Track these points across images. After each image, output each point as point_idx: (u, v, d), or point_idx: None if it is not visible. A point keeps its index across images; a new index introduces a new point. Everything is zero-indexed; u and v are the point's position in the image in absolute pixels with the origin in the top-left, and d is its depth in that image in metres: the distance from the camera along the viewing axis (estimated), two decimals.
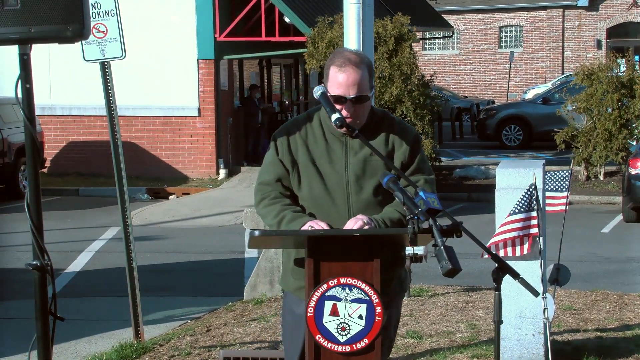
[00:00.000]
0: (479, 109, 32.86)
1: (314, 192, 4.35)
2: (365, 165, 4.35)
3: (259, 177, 4.50)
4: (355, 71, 4.23)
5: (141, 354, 7.87)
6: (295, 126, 4.45)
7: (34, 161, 4.36)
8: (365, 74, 4.27)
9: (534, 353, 6.83)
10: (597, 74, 21.15)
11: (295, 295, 4.43)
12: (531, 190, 6.54)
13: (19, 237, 14.60)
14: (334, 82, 4.28)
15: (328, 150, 4.37)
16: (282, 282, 4.60)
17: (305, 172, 4.37)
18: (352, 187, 4.33)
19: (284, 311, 4.60)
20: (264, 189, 4.43)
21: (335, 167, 4.35)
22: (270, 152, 4.46)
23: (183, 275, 12.33)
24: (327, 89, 4.33)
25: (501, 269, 3.91)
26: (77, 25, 4.19)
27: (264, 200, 4.41)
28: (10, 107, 19.64)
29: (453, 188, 21.23)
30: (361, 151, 4.36)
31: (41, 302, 4.36)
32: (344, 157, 4.36)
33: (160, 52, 22.50)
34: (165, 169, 23.07)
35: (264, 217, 4.42)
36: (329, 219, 4.28)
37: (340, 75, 4.25)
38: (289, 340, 4.51)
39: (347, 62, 4.25)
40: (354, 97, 4.25)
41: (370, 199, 4.34)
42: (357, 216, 4.24)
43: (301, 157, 4.38)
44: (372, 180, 4.34)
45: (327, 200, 4.34)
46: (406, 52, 21.19)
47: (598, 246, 14.43)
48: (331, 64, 4.30)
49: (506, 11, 43.74)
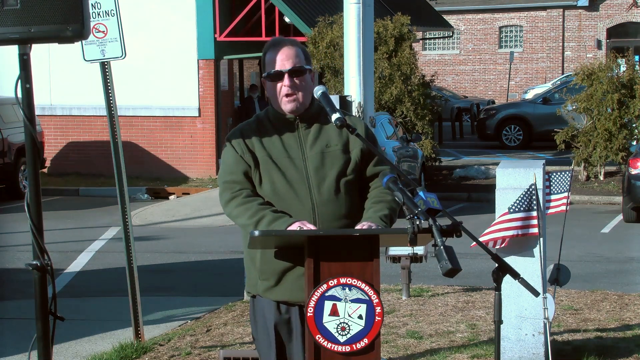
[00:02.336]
0: (479, 109, 32.86)
1: (276, 187, 4.35)
2: (324, 157, 4.38)
3: (222, 176, 4.43)
4: (288, 48, 4.40)
5: (141, 354, 7.87)
6: (248, 127, 4.49)
7: (34, 161, 4.36)
8: (299, 51, 4.42)
9: (534, 353, 6.83)
10: (597, 74, 21.14)
11: (265, 297, 4.39)
12: (531, 190, 6.55)
13: (19, 237, 14.59)
14: (270, 63, 4.40)
15: (284, 146, 4.40)
16: (250, 288, 4.50)
17: (265, 169, 4.37)
18: (312, 179, 4.35)
19: (255, 318, 4.49)
20: (232, 187, 4.38)
21: (294, 161, 4.37)
22: (228, 153, 4.43)
23: (183, 275, 12.33)
24: (266, 74, 4.40)
25: (501, 269, 3.91)
26: (77, 25, 4.19)
27: (235, 199, 4.35)
28: (10, 107, 19.64)
29: (453, 188, 21.23)
30: (317, 143, 4.40)
31: (41, 302, 4.36)
32: (300, 151, 4.39)
33: (160, 52, 22.50)
34: (165, 169, 23.07)
35: (235, 217, 4.35)
36: (293, 211, 4.29)
37: (274, 53, 4.39)
38: (265, 346, 4.44)
39: (279, 42, 4.43)
40: (290, 68, 4.35)
41: (332, 189, 4.35)
42: (362, 222, 4.25)
43: (259, 154, 4.39)
44: (333, 170, 4.37)
45: (290, 194, 4.34)
46: (406, 52, 21.20)
47: (598, 246, 14.42)
48: (265, 51, 4.44)
49: (506, 11, 43.73)
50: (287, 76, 4.36)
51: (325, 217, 4.32)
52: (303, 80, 4.40)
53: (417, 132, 21.13)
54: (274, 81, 4.38)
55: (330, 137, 4.41)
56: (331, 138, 4.41)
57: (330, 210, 4.33)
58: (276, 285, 4.36)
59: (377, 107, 19.64)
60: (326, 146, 4.40)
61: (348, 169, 4.40)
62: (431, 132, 22.47)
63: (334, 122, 4.24)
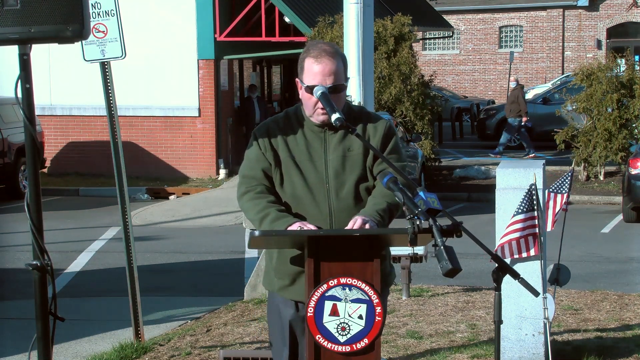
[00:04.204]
0: (479, 109, 32.85)
1: (296, 190, 4.36)
2: (345, 161, 4.38)
3: (243, 170, 4.47)
4: (331, 61, 4.31)
5: (141, 354, 7.87)
6: (275, 124, 4.48)
7: (34, 161, 4.36)
8: (340, 64, 4.35)
9: (534, 353, 6.83)
10: (597, 74, 21.15)
11: (280, 295, 4.44)
12: (531, 190, 6.55)
13: (19, 237, 14.59)
14: (310, 73, 4.33)
15: (308, 147, 4.39)
16: (266, 283, 4.58)
17: (287, 170, 4.38)
18: (332, 183, 4.36)
19: (270, 312, 4.58)
20: (249, 181, 4.42)
21: (315, 164, 4.38)
22: (252, 148, 4.45)
23: (183, 275, 12.33)
24: (303, 81, 4.37)
25: (501, 269, 3.91)
26: (76, 25, 4.19)
27: (249, 193, 4.40)
28: (10, 107, 19.63)
29: (453, 188, 21.23)
30: (339, 146, 4.39)
31: (41, 302, 4.36)
32: (324, 153, 4.39)
33: (160, 52, 22.50)
34: (165, 169, 23.07)
35: (246, 210, 4.41)
36: (310, 215, 4.31)
37: (317, 65, 4.31)
38: (279, 341, 4.49)
39: (322, 52, 4.33)
40: (331, 86, 4.30)
41: (351, 196, 4.36)
42: (355, 217, 4.24)
43: (282, 155, 4.40)
44: (352, 175, 4.37)
45: (309, 199, 4.35)
46: (405, 52, 21.19)
47: (598, 246, 14.42)
48: (306, 56, 4.36)
49: (506, 11, 43.72)
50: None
51: (342, 224, 4.32)
52: (339, 97, 4.37)
53: (417, 132, 21.13)
54: (312, 95, 4.34)
55: (352, 141, 4.39)
56: (354, 142, 4.39)
57: (347, 217, 4.31)
58: (291, 285, 4.40)
59: (377, 107, 19.64)
60: (348, 150, 4.39)
61: (367, 173, 4.41)
62: (431, 132, 22.46)
63: (334, 122, 4.24)
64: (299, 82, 4.43)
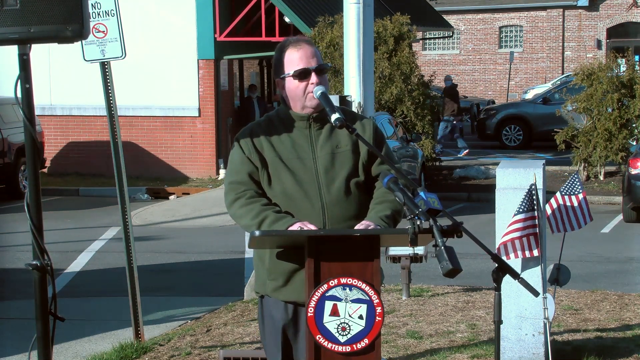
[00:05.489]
0: (479, 109, 32.85)
1: (286, 188, 4.34)
2: (334, 158, 4.38)
3: (228, 177, 4.44)
4: (309, 45, 4.42)
5: (141, 354, 7.87)
6: (258, 127, 4.47)
7: (34, 161, 4.36)
8: (317, 51, 4.46)
9: (534, 353, 6.83)
10: (597, 74, 21.15)
11: (273, 297, 4.39)
12: (531, 190, 6.55)
13: (19, 237, 14.59)
14: (293, 61, 4.38)
15: (294, 145, 4.39)
16: (258, 288, 4.50)
17: (274, 170, 4.36)
18: (322, 179, 4.35)
19: (262, 317, 4.50)
20: (237, 188, 4.38)
21: (304, 162, 4.37)
22: (236, 153, 4.42)
23: (183, 275, 12.33)
24: (286, 72, 4.38)
25: (501, 269, 3.91)
26: (76, 25, 4.19)
27: (239, 200, 4.35)
28: (10, 107, 19.63)
29: (453, 188, 21.23)
30: (327, 144, 4.40)
31: (41, 302, 4.36)
32: (311, 151, 4.39)
33: (160, 52, 22.50)
34: (165, 169, 23.07)
35: (239, 217, 4.35)
36: (302, 211, 4.30)
37: (298, 52, 4.39)
38: (273, 346, 4.44)
39: (299, 41, 4.44)
40: (317, 66, 4.37)
41: (342, 190, 4.35)
42: (362, 222, 4.25)
43: (268, 155, 4.37)
44: (342, 171, 4.37)
45: (300, 195, 4.33)
46: (405, 52, 21.20)
47: (598, 246, 14.42)
48: (283, 50, 4.42)
49: (506, 11, 43.72)
50: (314, 74, 4.36)
51: (335, 218, 4.32)
52: (325, 78, 4.45)
53: (417, 132, 21.14)
54: (301, 79, 4.37)
55: (340, 138, 4.41)
56: (341, 139, 4.40)
57: (340, 211, 4.32)
58: (284, 286, 4.35)
59: (377, 107, 19.64)
60: (336, 147, 4.39)
61: (358, 170, 4.41)
62: (431, 132, 22.46)
63: (333, 122, 4.23)
64: (280, 81, 4.44)
